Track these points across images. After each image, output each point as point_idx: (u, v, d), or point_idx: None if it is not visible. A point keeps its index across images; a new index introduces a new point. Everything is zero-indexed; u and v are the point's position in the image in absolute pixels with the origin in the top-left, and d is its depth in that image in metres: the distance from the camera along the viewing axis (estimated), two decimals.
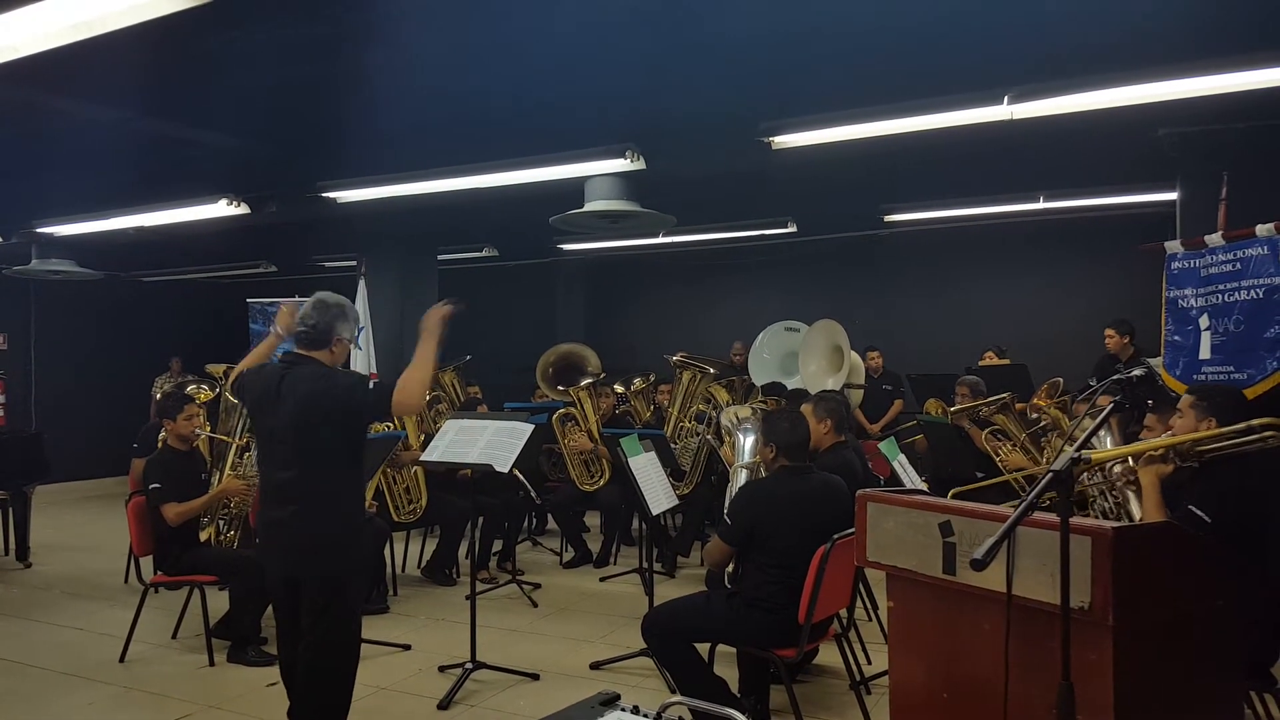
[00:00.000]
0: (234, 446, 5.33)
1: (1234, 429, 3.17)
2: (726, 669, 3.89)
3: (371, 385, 3.27)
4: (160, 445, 5.25)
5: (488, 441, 4.29)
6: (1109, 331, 6.59)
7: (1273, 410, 3.32)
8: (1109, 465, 3.82)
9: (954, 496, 3.95)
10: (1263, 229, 4.59)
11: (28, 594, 6.19)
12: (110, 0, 3.22)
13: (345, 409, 3.26)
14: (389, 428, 6.17)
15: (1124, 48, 4.18)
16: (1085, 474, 3.85)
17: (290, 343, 3.50)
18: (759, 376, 8.31)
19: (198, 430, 5.08)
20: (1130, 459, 3.58)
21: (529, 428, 4.32)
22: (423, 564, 6.51)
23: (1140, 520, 3.53)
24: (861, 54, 4.40)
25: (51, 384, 11.11)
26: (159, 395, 8.84)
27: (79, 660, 4.76)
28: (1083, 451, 2.25)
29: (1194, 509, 3.04)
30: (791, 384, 7.66)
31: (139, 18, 3.28)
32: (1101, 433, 4.16)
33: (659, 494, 4.75)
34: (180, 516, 4.75)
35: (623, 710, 1.98)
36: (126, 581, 6.24)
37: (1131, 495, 3.81)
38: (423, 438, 6.24)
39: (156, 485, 4.75)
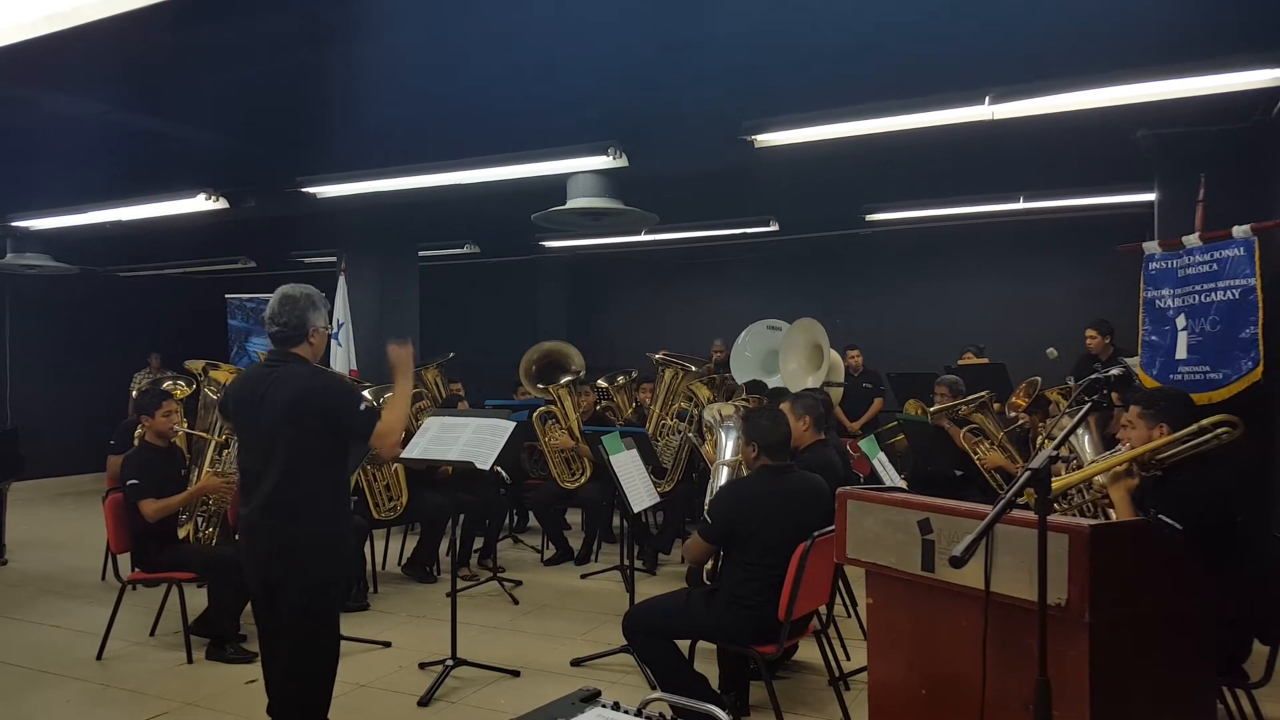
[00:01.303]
0: (212, 443, 5.28)
1: (1187, 432, 3.18)
2: (707, 665, 3.90)
3: (363, 408, 3.24)
4: (138, 442, 5.20)
5: (469, 439, 4.27)
6: (1090, 332, 6.64)
7: (1248, 409, 3.36)
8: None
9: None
10: (1239, 230, 4.65)
11: (3, 591, 6.12)
12: None
13: (334, 414, 3.19)
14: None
15: (1104, 50, 4.23)
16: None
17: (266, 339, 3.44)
18: (741, 375, 8.33)
19: (176, 426, 5.03)
20: (1099, 478, 3.57)
21: (510, 425, 4.31)
22: (403, 561, 6.48)
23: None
24: (844, 53, 4.42)
25: (27, 380, 10.98)
26: (137, 391, 8.75)
27: (56, 658, 4.71)
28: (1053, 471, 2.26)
29: (1163, 517, 3.05)
30: (773, 383, 7.69)
31: (115, 9, 3.24)
32: (1080, 433, 4.19)
33: (640, 492, 4.76)
34: (158, 513, 4.71)
35: (603, 706, 1.98)
36: (104, 578, 6.18)
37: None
38: (403, 434, 6.20)
39: (134, 481, 4.70)
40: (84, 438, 10.10)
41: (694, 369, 6.96)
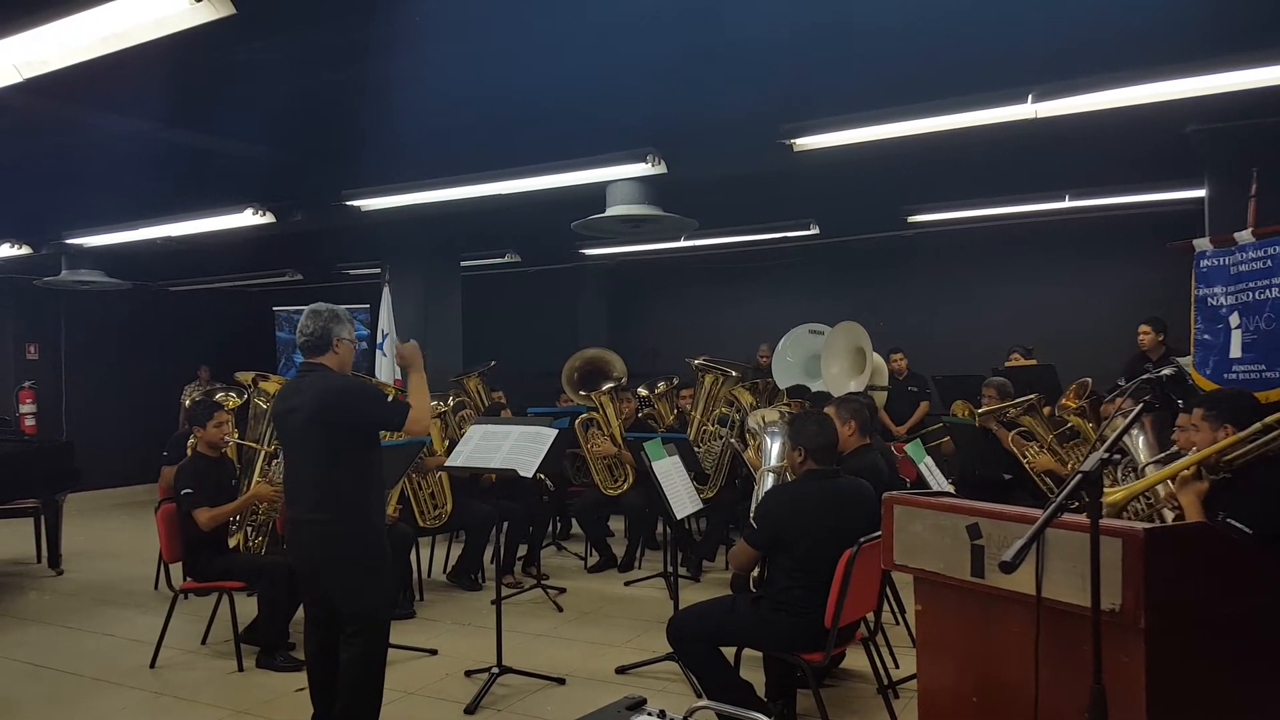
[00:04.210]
0: (262, 453, 5.37)
1: (1251, 431, 3.08)
2: (753, 673, 3.87)
3: (390, 399, 3.48)
4: (190, 452, 5.31)
5: (511, 446, 4.30)
6: (1144, 328, 6.50)
7: None
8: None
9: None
10: None
11: (60, 600, 6.27)
12: (137, 13, 3.27)
13: (361, 413, 3.41)
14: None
15: (1149, 44, 4.13)
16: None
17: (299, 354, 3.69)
18: (783, 379, 8.28)
19: (227, 437, 5.12)
20: (1168, 483, 3.46)
21: (553, 432, 4.32)
22: (448, 569, 6.53)
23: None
24: (883, 54, 4.38)
25: (81, 393, 11.25)
26: (188, 403, 8.93)
27: (110, 666, 4.81)
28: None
29: (1232, 521, 2.95)
30: (815, 387, 7.63)
31: (165, 30, 3.33)
32: (1135, 433, 4.09)
33: (683, 498, 4.74)
34: (213, 521, 4.80)
35: (649, 714, 1.98)
36: (156, 588, 6.30)
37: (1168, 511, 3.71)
38: (447, 443, 6.27)
39: (189, 491, 4.80)
40: (137, 450, 10.32)
41: (734, 374, 6.94)
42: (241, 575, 4.85)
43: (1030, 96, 4.28)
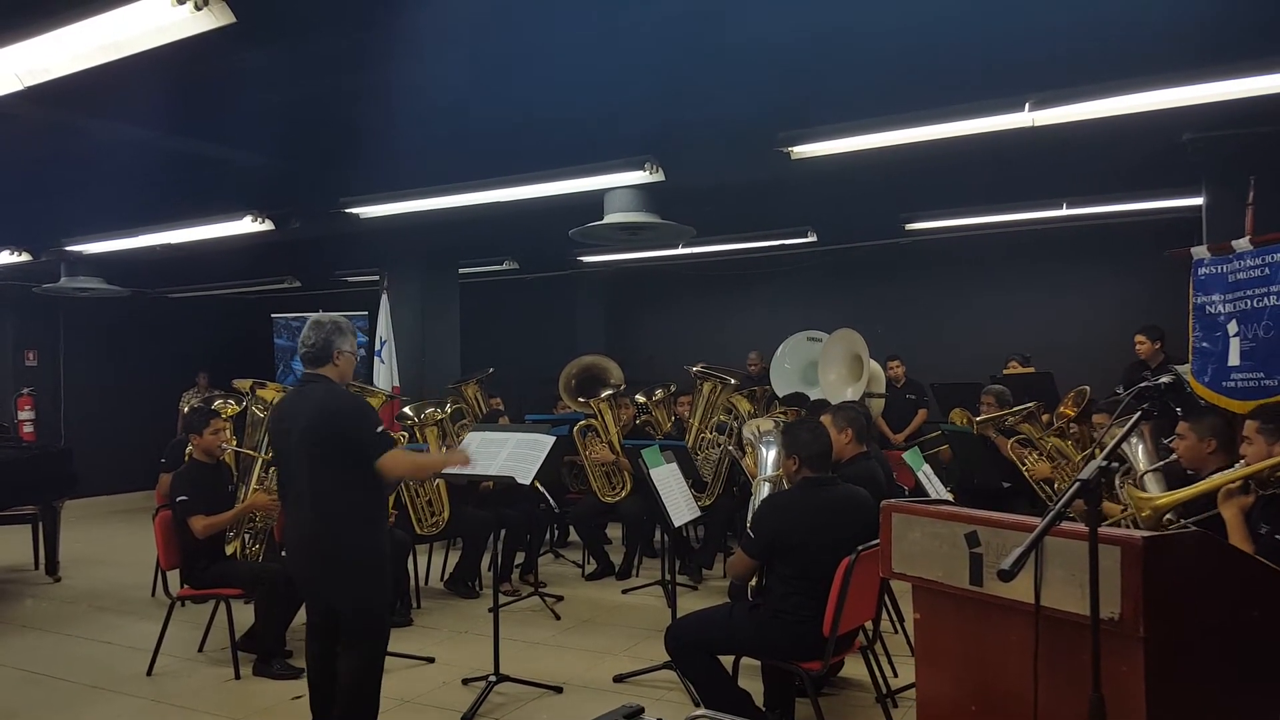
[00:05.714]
0: (259, 460, 5.36)
1: None
2: (751, 682, 3.86)
3: (379, 431, 3.41)
4: (187, 459, 5.30)
5: (509, 453, 4.29)
6: (1139, 338, 6.51)
7: None
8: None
9: None
10: None
11: (57, 607, 6.26)
12: (138, 22, 3.28)
13: (349, 434, 3.37)
14: (404, 438, 6.19)
15: (1147, 52, 4.15)
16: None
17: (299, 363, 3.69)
18: (781, 387, 8.27)
19: (223, 444, 5.12)
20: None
21: (550, 439, 4.32)
22: (445, 577, 6.52)
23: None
24: (881, 62, 4.39)
25: (80, 400, 11.24)
26: (186, 410, 8.92)
27: (107, 673, 4.80)
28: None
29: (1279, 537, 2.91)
30: (814, 394, 7.62)
31: (166, 38, 3.34)
32: (1134, 441, 4.09)
33: (680, 505, 4.73)
34: (208, 529, 4.79)
35: None
36: (154, 595, 6.29)
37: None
38: (445, 450, 6.25)
39: (184, 499, 4.79)
40: (135, 456, 10.31)
41: (733, 381, 6.93)
42: (239, 582, 4.84)
43: (1028, 105, 4.29)
